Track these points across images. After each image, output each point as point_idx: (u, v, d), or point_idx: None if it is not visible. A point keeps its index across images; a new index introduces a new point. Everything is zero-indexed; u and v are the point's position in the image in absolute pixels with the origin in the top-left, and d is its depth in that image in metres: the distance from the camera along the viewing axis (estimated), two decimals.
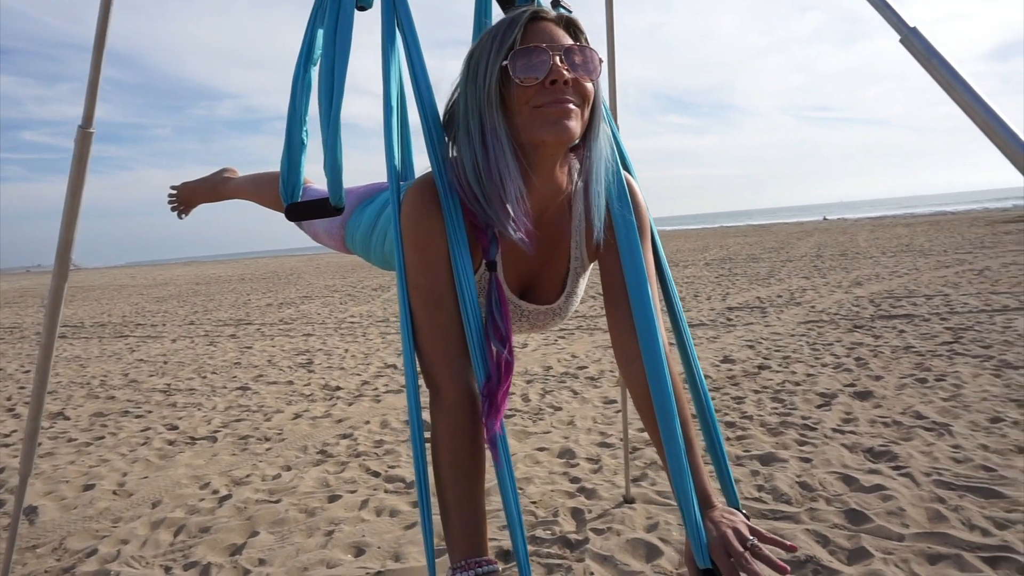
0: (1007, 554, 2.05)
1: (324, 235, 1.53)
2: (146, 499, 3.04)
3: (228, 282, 21.80)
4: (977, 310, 6.42)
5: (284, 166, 1.14)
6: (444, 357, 1.00)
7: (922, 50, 0.98)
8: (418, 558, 2.31)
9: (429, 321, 1.00)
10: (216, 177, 1.93)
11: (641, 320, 1.03)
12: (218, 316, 11.25)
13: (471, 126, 0.97)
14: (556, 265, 1.12)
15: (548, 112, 0.93)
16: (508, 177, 0.95)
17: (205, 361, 6.78)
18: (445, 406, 1.00)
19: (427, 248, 0.99)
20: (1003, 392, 3.73)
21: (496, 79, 0.93)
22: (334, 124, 1.03)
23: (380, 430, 3.92)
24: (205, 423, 4.30)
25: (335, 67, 1.04)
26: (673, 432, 0.99)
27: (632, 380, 1.08)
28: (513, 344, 1.01)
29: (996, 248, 12.71)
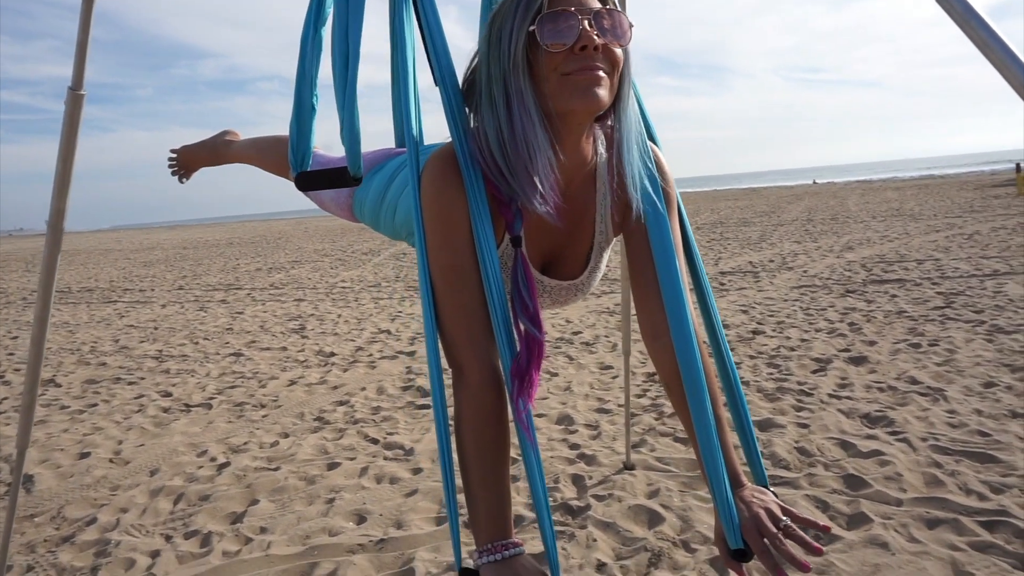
0: (1004, 518, 2.07)
1: (331, 203, 1.49)
2: (143, 467, 3.03)
3: (216, 246, 21.59)
4: (968, 275, 6.45)
5: (293, 132, 1.08)
6: (468, 336, 0.97)
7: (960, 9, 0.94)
8: (420, 526, 2.32)
9: (452, 299, 0.96)
10: (217, 140, 1.86)
11: (670, 296, 1.00)
12: (207, 281, 11.15)
13: (495, 95, 0.92)
14: (580, 239, 1.08)
15: (577, 80, 0.88)
16: (536, 147, 0.90)
17: (196, 327, 6.73)
18: (469, 387, 0.97)
19: (449, 223, 0.95)
20: (996, 357, 3.77)
21: (523, 45, 0.88)
22: (351, 91, 0.97)
23: (377, 396, 3.91)
24: (199, 390, 4.28)
25: (349, 30, 0.98)
26: (704, 410, 0.97)
27: (659, 355, 1.05)
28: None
29: (985, 212, 12.76)
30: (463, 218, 0.95)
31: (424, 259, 0.97)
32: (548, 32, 0.87)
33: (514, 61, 0.89)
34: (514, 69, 0.89)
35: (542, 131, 0.90)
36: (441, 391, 0.99)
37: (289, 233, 27.12)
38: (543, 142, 0.91)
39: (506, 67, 0.90)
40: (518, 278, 0.97)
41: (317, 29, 1.07)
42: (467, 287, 0.96)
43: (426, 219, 0.96)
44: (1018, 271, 6.42)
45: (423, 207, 0.96)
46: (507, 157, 0.92)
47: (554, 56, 0.88)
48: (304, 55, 1.06)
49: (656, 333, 1.04)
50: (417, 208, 0.96)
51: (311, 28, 1.06)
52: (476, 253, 0.96)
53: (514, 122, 0.90)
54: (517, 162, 0.92)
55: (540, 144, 0.91)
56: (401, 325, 6.10)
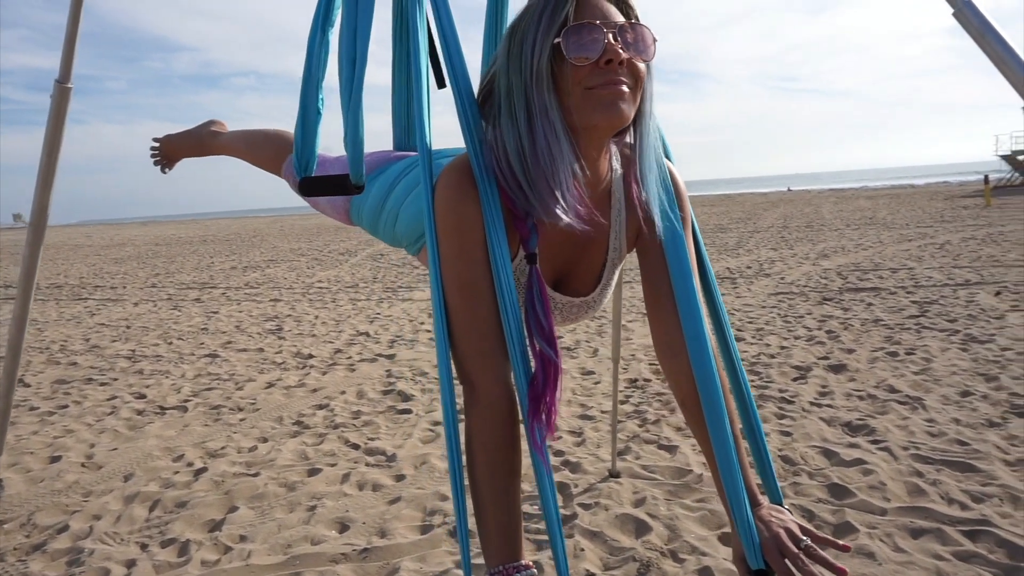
0: (985, 528, 2.10)
1: (327, 205, 1.45)
2: (117, 472, 2.95)
3: (189, 243, 21.26)
4: (941, 284, 6.57)
5: (298, 136, 1.05)
6: (481, 352, 0.94)
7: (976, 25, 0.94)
8: (405, 534, 2.28)
9: (466, 314, 0.94)
10: (203, 130, 1.81)
11: (687, 314, 0.99)
12: (181, 279, 10.96)
13: (515, 107, 0.90)
14: (593, 256, 1.06)
15: (601, 94, 0.86)
16: (561, 161, 0.88)
17: (170, 326, 6.60)
18: (482, 404, 0.95)
19: (464, 236, 0.92)
20: (971, 366, 3.83)
21: (548, 58, 0.86)
22: (356, 96, 0.94)
23: (357, 400, 3.86)
24: (174, 392, 4.19)
25: (357, 34, 0.95)
26: (723, 429, 0.95)
27: (675, 373, 1.04)
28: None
29: (955, 222, 13.03)
30: (479, 231, 0.93)
31: (437, 272, 0.94)
32: (573, 45, 0.85)
33: (537, 74, 0.86)
34: (537, 82, 0.87)
35: (567, 144, 0.88)
36: (453, 407, 0.96)
37: (264, 231, 26.79)
38: (568, 155, 0.89)
39: (528, 79, 0.87)
40: (533, 296, 0.95)
41: (325, 32, 1.04)
42: (482, 302, 0.94)
43: (440, 231, 0.93)
44: (988, 281, 6.55)
45: (437, 219, 0.93)
46: (527, 170, 0.90)
47: (579, 70, 0.86)
48: (311, 58, 1.03)
49: (672, 351, 1.03)
50: (430, 219, 0.94)
51: (319, 31, 1.03)
52: (491, 267, 0.93)
53: (535, 135, 0.88)
54: (537, 176, 0.90)
55: (565, 157, 0.89)
56: (380, 327, 6.04)
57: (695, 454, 2.81)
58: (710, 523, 2.25)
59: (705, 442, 0.99)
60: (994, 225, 11.96)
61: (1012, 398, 3.25)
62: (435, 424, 3.38)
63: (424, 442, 3.14)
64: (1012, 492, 2.32)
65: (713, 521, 2.26)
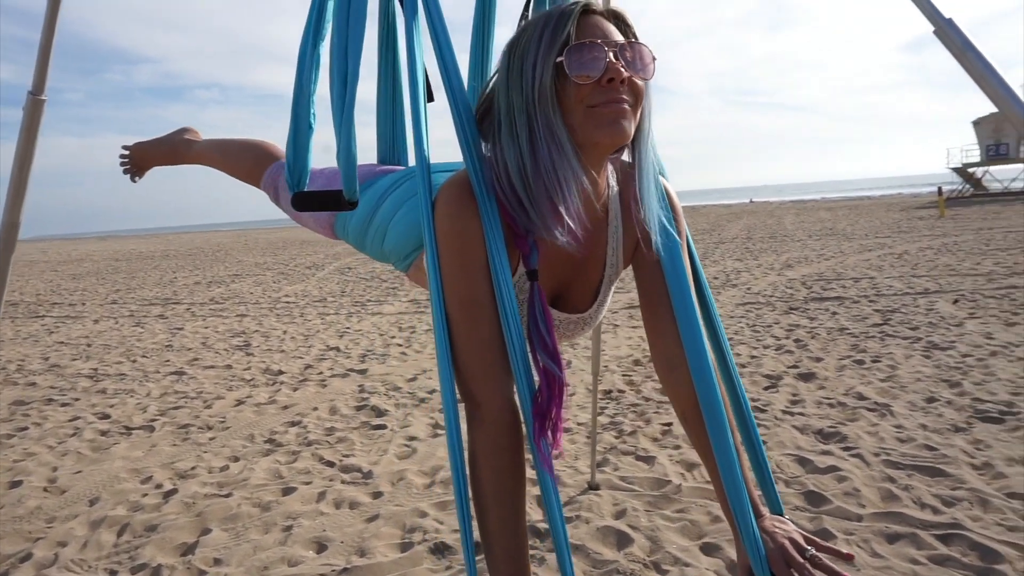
0: (958, 531, 2.14)
1: (310, 219, 1.43)
2: (82, 496, 2.85)
3: (150, 258, 20.80)
4: (902, 292, 6.75)
5: (290, 151, 1.03)
6: (485, 370, 0.94)
7: (957, 42, 0.97)
8: (385, 553, 2.25)
9: (469, 331, 0.93)
10: (175, 138, 1.77)
11: (686, 328, 0.99)
12: (142, 295, 10.71)
13: (516, 125, 0.90)
14: (590, 272, 1.06)
15: (603, 112, 0.86)
16: (567, 178, 0.88)
17: (133, 343, 6.43)
18: (487, 423, 0.94)
19: (466, 252, 0.92)
20: (934, 373, 3.93)
21: (551, 76, 0.86)
22: (348, 112, 0.93)
23: (330, 417, 3.80)
24: (140, 411, 4.07)
25: (349, 49, 0.94)
26: (726, 442, 0.96)
27: (675, 386, 1.04)
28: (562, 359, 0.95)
29: (912, 233, 13.42)
30: (480, 248, 0.92)
31: (439, 289, 0.93)
32: (575, 64, 0.85)
33: (540, 92, 0.87)
34: (540, 100, 0.87)
35: (576, 160, 0.88)
36: (457, 427, 0.95)
37: (228, 245, 26.36)
38: (577, 170, 0.89)
39: (530, 97, 0.87)
40: (536, 313, 0.95)
41: (316, 45, 1.03)
42: (484, 319, 0.93)
43: (442, 248, 0.92)
44: (946, 289, 6.74)
45: (438, 236, 0.92)
46: (528, 188, 0.90)
47: (581, 88, 0.86)
48: (302, 72, 1.02)
49: (672, 365, 1.03)
50: (431, 235, 0.93)
51: (309, 44, 1.02)
52: (493, 284, 0.93)
53: (537, 153, 0.88)
54: (539, 193, 0.90)
55: (575, 173, 0.89)
56: (350, 342, 5.98)
57: (672, 464, 2.83)
58: (691, 533, 2.26)
59: (707, 455, 1.00)
60: (948, 235, 12.34)
61: (975, 403, 3.34)
62: (410, 439, 3.34)
63: (400, 458, 3.10)
64: (980, 495, 2.38)
65: (694, 531, 2.27)
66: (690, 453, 2.92)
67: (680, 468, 2.79)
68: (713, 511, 2.39)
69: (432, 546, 2.26)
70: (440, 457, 3.08)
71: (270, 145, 1.57)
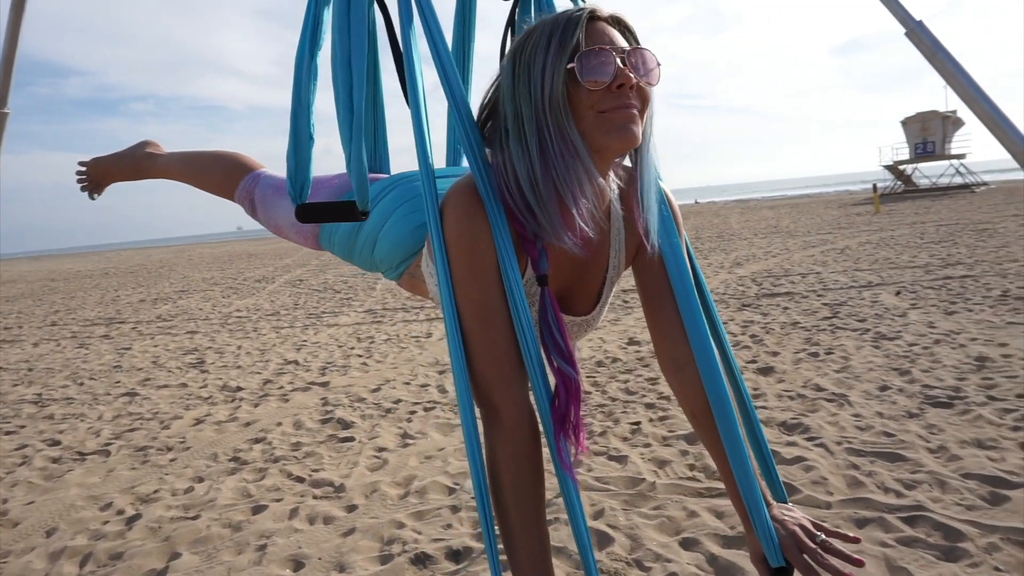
0: (921, 513, 2.24)
1: (291, 230, 1.40)
2: (37, 527, 2.72)
3: (89, 277, 20.03)
4: (847, 286, 6.99)
5: (291, 163, 1.01)
6: (501, 376, 0.93)
7: (928, 44, 1.01)
8: (365, 567, 2.21)
9: (483, 337, 0.93)
10: (137, 152, 1.71)
11: (692, 327, 1.01)
12: (84, 315, 10.30)
13: (525, 131, 0.90)
14: (593, 275, 1.07)
15: (613, 117, 0.88)
16: (586, 182, 0.89)
17: (79, 366, 6.18)
18: (505, 428, 0.94)
19: (477, 258, 0.92)
20: (885, 362, 4.09)
21: (563, 82, 0.87)
22: (357, 123, 0.92)
23: (295, 431, 3.72)
24: (93, 435, 3.92)
25: (352, 60, 0.92)
26: (736, 436, 0.98)
27: (683, 385, 1.06)
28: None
29: (851, 229, 13.93)
30: (491, 253, 0.92)
31: (451, 296, 0.93)
32: (587, 69, 0.86)
33: (552, 97, 0.87)
34: (552, 105, 0.87)
35: (591, 164, 0.89)
36: (475, 434, 0.94)
37: (172, 262, 25.58)
38: (592, 174, 0.90)
39: (539, 103, 0.88)
40: (548, 317, 0.95)
41: (313, 55, 1.01)
42: (498, 324, 0.93)
43: (452, 254, 0.92)
44: (888, 282, 7.02)
45: (448, 242, 0.92)
46: (538, 193, 0.90)
47: (592, 93, 0.87)
48: (299, 82, 1.00)
49: (678, 364, 1.05)
50: (441, 242, 0.92)
51: (307, 54, 1.00)
52: (504, 289, 0.93)
53: (548, 158, 0.89)
54: (550, 198, 0.90)
55: (590, 176, 0.90)
56: (309, 355, 5.87)
57: (645, 463, 2.87)
58: (669, 529, 2.29)
59: (717, 451, 1.02)
60: (885, 230, 12.86)
61: (925, 390, 3.49)
62: (380, 451, 3.30)
63: (371, 470, 3.06)
64: (939, 477, 2.49)
65: (671, 527, 2.31)
66: (661, 451, 2.97)
67: (652, 466, 2.83)
68: (688, 507, 2.43)
69: (413, 557, 2.24)
70: (412, 467, 3.05)
71: (241, 156, 1.54)
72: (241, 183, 1.47)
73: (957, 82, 1.00)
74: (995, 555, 1.99)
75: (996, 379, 3.54)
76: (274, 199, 1.41)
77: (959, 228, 11.83)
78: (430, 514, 2.57)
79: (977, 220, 13.00)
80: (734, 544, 2.17)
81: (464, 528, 2.43)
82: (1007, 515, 2.19)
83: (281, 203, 1.39)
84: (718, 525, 2.29)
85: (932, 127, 27.09)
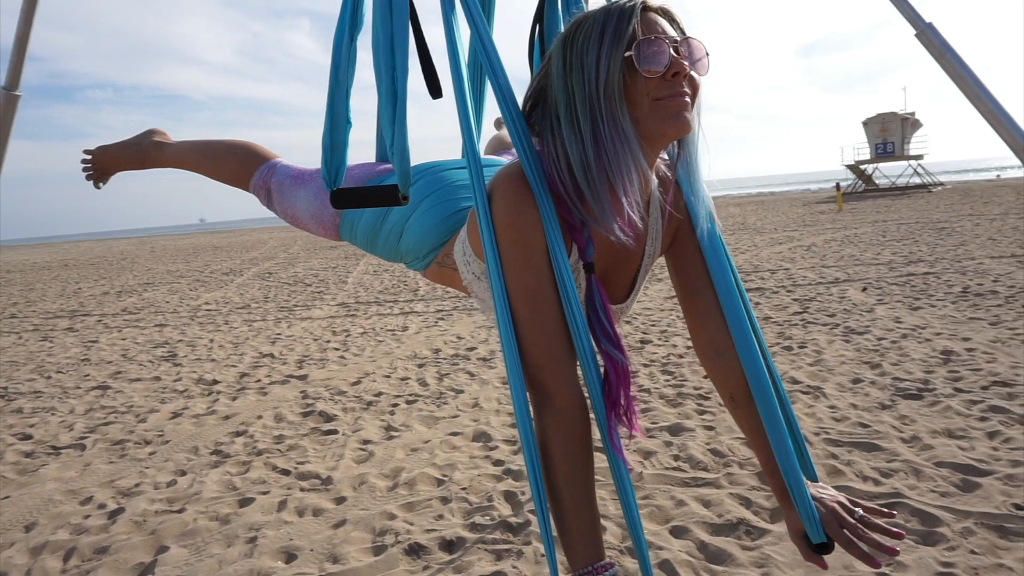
0: (899, 499, 2.32)
1: (310, 220, 1.39)
2: (15, 522, 2.66)
3: (48, 269, 19.46)
4: (815, 282, 7.16)
5: (326, 147, 1.01)
6: (553, 359, 0.95)
7: (937, 45, 1.05)
8: (359, 557, 2.22)
9: (535, 322, 0.94)
10: (143, 141, 1.68)
11: (731, 312, 1.04)
12: (45, 307, 10.02)
13: (578, 118, 0.91)
14: (629, 263, 1.09)
15: (668, 105, 0.90)
16: (635, 170, 0.91)
17: (44, 359, 6.02)
18: (558, 411, 0.95)
19: (528, 245, 0.93)
20: (856, 355, 4.21)
21: (619, 70, 0.89)
22: (401, 107, 0.92)
23: (276, 424, 3.69)
24: (65, 429, 3.83)
25: (395, 42, 0.93)
26: (776, 417, 1.01)
27: (721, 370, 1.08)
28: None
29: (816, 226, 14.24)
30: (541, 239, 0.94)
31: (501, 282, 0.94)
32: (645, 58, 0.88)
33: (607, 86, 0.89)
34: (607, 94, 0.89)
35: (640, 153, 0.91)
36: (527, 416, 0.95)
37: (134, 254, 24.99)
38: (641, 162, 0.92)
39: (594, 91, 0.89)
40: (595, 303, 0.97)
41: (353, 38, 1.01)
42: (549, 309, 0.95)
43: (503, 240, 0.93)
44: (854, 278, 7.21)
45: (498, 228, 0.93)
46: (591, 180, 0.92)
47: (648, 82, 0.89)
48: (338, 65, 1.00)
49: (718, 349, 1.07)
50: (490, 229, 0.94)
51: (346, 37, 1.00)
52: (554, 274, 0.95)
53: (602, 146, 0.91)
54: (601, 186, 0.92)
55: (639, 164, 0.92)
56: (284, 348, 5.81)
57: (630, 454, 2.91)
58: (658, 518, 2.34)
59: (756, 432, 1.04)
60: (849, 228, 13.18)
61: (895, 382, 3.61)
62: (365, 443, 3.30)
63: (358, 462, 3.06)
64: (913, 465, 2.58)
65: (661, 516, 2.36)
66: (645, 442, 3.02)
67: (638, 456, 2.88)
68: (676, 496, 2.49)
69: (407, 547, 2.25)
70: (398, 459, 3.06)
71: (255, 146, 1.52)
72: (257, 172, 1.46)
73: (964, 83, 1.05)
74: (970, 539, 2.08)
75: (962, 372, 3.68)
76: (291, 189, 1.40)
77: (919, 227, 12.18)
78: (420, 505, 2.58)
79: (936, 219, 13.40)
80: (723, 532, 2.23)
81: (456, 519, 2.45)
82: (979, 501, 2.29)
83: (299, 193, 1.39)
84: (706, 514, 2.35)
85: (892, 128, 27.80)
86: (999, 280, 6.30)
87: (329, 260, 14.89)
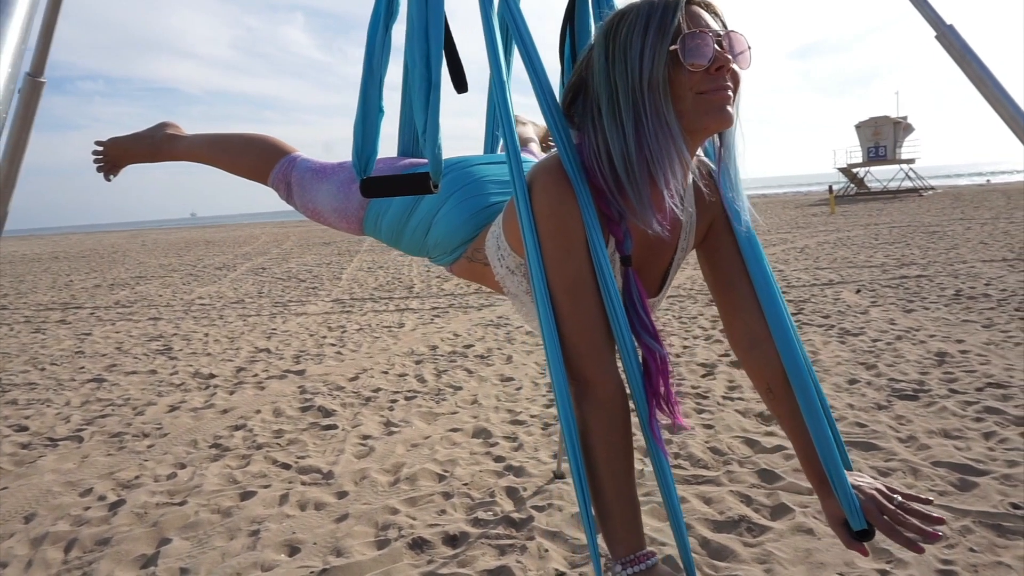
0: None
1: (331, 213, 1.39)
2: (14, 513, 2.65)
3: (38, 261, 19.32)
4: (809, 284, 7.21)
5: (358, 136, 1.01)
6: (593, 349, 0.96)
7: (958, 47, 1.07)
8: (363, 551, 2.22)
9: (576, 312, 0.95)
10: (156, 133, 1.68)
11: (769, 303, 1.05)
12: (37, 299, 9.94)
13: (620, 111, 0.92)
14: (663, 256, 1.10)
15: (712, 99, 0.90)
16: (677, 162, 0.92)
17: (37, 351, 5.98)
18: (599, 400, 0.96)
19: (569, 236, 0.94)
20: (851, 356, 4.24)
21: (664, 64, 0.90)
22: (435, 95, 0.93)
23: (275, 419, 3.69)
24: (62, 421, 3.81)
25: (430, 30, 0.93)
26: (815, 407, 1.02)
27: (757, 361, 1.08)
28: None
29: (809, 228, 14.33)
30: (580, 230, 0.95)
31: (542, 273, 0.95)
32: (689, 51, 0.89)
33: (652, 79, 0.90)
34: (651, 87, 0.90)
35: (683, 146, 0.92)
36: (570, 407, 0.96)
37: (125, 247, 24.83)
38: (684, 155, 0.93)
39: (637, 84, 0.90)
40: (633, 295, 0.98)
41: (388, 27, 1.01)
42: (588, 299, 0.96)
43: (543, 231, 0.94)
44: (847, 281, 7.26)
45: (539, 219, 0.94)
46: (631, 172, 0.93)
47: (692, 75, 0.90)
48: (372, 54, 1.00)
49: (754, 341, 1.08)
50: (531, 221, 0.94)
51: (380, 26, 1.01)
52: (593, 265, 0.96)
53: (644, 139, 0.91)
54: (642, 179, 0.93)
55: (682, 157, 0.93)
56: (280, 343, 5.80)
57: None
58: (660, 515, 2.36)
59: (794, 422, 1.05)
60: (841, 230, 13.27)
61: (891, 383, 3.64)
62: (365, 438, 3.30)
63: (358, 457, 3.06)
64: (911, 465, 2.61)
65: (662, 512, 2.37)
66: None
67: (638, 454, 2.90)
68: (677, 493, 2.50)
69: (410, 541, 2.26)
70: (399, 454, 3.06)
71: (274, 140, 1.52)
72: (276, 166, 1.46)
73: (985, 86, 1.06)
74: (969, 537, 2.10)
75: (956, 373, 3.72)
76: (313, 182, 1.40)
77: (911, 230, 12.28)
78: (423, 500, 2.58)
79: (927, 223, 13.51)
80: (724, 528, 2.25)
81: (458, 514, 2.45)
82: (976, 500, 2.32)
83: (321, 186, 1.39)
84: (708, 510, 2.37)
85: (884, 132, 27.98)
86: (991, 283, 6.37)
87: (323, 256, 14.86)
